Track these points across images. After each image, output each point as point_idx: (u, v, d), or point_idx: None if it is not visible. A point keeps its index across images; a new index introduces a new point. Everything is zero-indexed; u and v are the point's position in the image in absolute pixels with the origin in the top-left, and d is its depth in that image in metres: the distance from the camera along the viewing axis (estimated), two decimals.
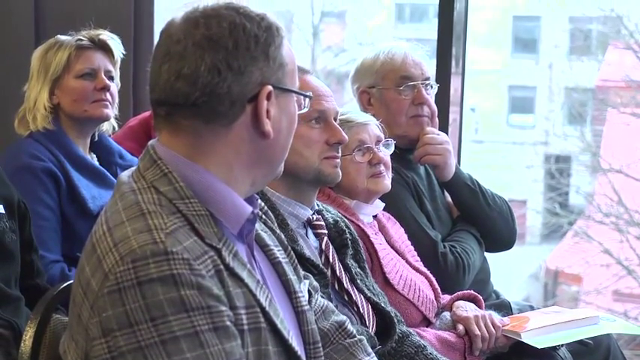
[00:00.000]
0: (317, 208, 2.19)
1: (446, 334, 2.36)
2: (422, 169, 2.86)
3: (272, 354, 1.42)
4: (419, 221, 2.68)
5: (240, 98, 1.42)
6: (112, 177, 2.71)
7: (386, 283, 2.33)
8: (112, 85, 2.72)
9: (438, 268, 2.60)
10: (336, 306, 1.87)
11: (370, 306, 2.16)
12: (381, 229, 2.51)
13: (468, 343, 2.36)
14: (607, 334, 2.62)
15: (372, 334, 2.09)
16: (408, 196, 2.72)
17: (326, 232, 2.18)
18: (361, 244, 2.28)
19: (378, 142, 2.48)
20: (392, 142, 2.52)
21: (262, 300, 1.42)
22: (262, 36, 1.43)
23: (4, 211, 2.24)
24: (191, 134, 1.43)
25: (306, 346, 1.56)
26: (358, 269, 2.22)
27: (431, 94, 2.82)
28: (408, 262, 2.48)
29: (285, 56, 1.47)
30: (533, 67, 14.79)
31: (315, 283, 1.81)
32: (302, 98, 1.55)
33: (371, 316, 2.15)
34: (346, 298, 2.13)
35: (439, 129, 2.85)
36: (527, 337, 2.38)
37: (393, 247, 2.48)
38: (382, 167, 2.47)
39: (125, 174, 1.48)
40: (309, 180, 2.12)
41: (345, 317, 1.81)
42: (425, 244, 2.64)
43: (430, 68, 2.89)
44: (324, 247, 2.15)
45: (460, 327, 2.38)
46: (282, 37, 1.47)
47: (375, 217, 2.52)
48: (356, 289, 2.16)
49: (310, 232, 2.16)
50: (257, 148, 1.46)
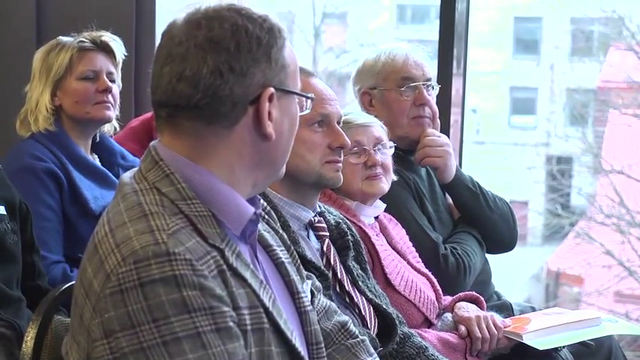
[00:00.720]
0: (319, 209, 2.18)
1: (447, 336, 2.35)
2: (423, 170, 2.86)
3: (275, 354, 1.41)
4: (420, 223, 2.68)
5: (242, 100, 1.41)
6: (114, 177, 2.71)
7: (387, 284, 2.33)
8: (114, 86, 2.72)
9: (438, 269, 2.59)
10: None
11: (372, 308, 2.16)
12: (383, 230, 2.51)
13: (470, 344, 2.37)
14: (609, 336, 2.62)
15: (374, 335, 2.09)
16: (409, 197, 2.72)
17: (327, 234, 2.18)
18: (362, 246, 2.28)
19: (377, 144, 2.48)
20: (391, 145, 2.51)
21: (265, 300, 1.42)
22: (264, 38, 1.43)
23: (5, 212, 2.23)
24: (193, 136, 1.43)
25: (309, 347, 1.56)
26: (360, 271, 2.21)
27: (432, 95, 2.82)
28: (409, 263, 2.48)
29: (287, 58, 1.46)
30: (534, 68, 14.79)
31: (317, 283, 1.81)
32: (304, 100, 1.55)
33: (372, 318, 2.15)
34: (347, 300, 2.13)
35: (440, 130, 2.85)
36: (528, 339, 2.38)
37: (394, 248, 2.48)
38: (378, 169, 2.46)
39: (127, 175, 1.48)
40: (311, 183, 2.12)
41: (347, 318, 1.81)
42: (426, 245, 2.63)
43: (431, 69, 2.88)
44: (325, 249, 2.15)
45: (462, 328, 2.38)
46: (284, 38, 1.47)
47: (376, 218, 2.52)
48: (357, 291, 2.16)
49: (312, 234, 2.16)
50: (259, 150, 1.45)
